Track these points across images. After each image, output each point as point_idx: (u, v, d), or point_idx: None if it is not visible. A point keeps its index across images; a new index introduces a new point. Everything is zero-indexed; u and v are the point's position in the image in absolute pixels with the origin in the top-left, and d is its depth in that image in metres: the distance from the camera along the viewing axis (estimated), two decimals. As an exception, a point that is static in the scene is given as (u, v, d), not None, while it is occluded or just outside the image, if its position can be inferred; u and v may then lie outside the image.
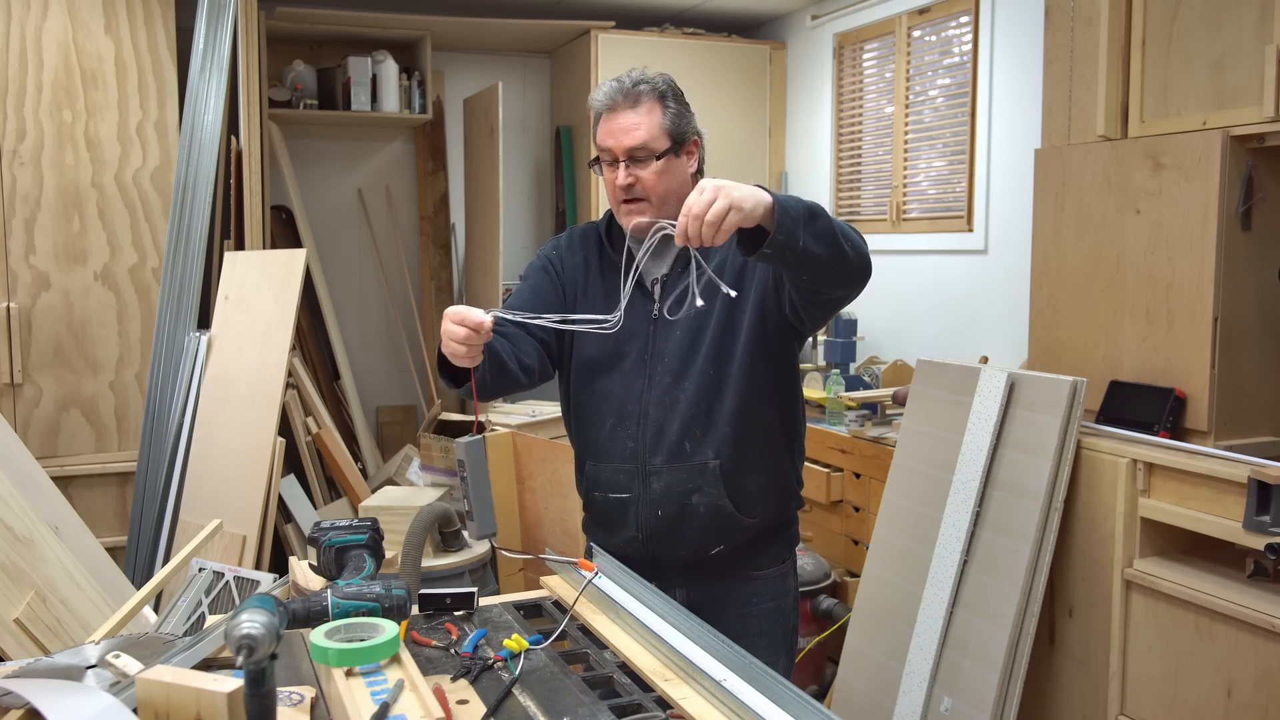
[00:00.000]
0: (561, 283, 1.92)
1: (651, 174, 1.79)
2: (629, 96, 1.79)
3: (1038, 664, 2.56)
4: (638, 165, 1.79)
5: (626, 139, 1.78)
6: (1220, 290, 2.46)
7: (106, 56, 3.73)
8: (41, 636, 2.13)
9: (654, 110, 1.80)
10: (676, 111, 1.82)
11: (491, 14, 4.61)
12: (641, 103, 1.79)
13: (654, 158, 1.79)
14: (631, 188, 1.80)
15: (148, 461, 3.60)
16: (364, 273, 4.96)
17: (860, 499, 3.38)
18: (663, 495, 1.83)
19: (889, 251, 4.35)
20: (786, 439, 1.90)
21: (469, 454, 1.60)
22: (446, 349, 1.60)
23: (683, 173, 1.85)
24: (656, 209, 1.81)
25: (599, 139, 1.83)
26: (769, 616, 1.92)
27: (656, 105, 1.80)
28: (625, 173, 1.79)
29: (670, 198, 1.83)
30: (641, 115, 1.79)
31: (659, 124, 1.80)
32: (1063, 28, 2.86)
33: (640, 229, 1.83)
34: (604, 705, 1.28)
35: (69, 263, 3.73)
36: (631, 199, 1.81)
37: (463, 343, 1.56)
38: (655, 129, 1.79)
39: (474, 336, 1.56)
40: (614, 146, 1.80)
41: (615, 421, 1.86)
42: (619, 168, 1.80)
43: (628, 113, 1.79)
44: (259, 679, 1.14)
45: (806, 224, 1.51)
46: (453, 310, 1.59)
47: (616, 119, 1.80)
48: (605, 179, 1.85)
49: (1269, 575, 2.21)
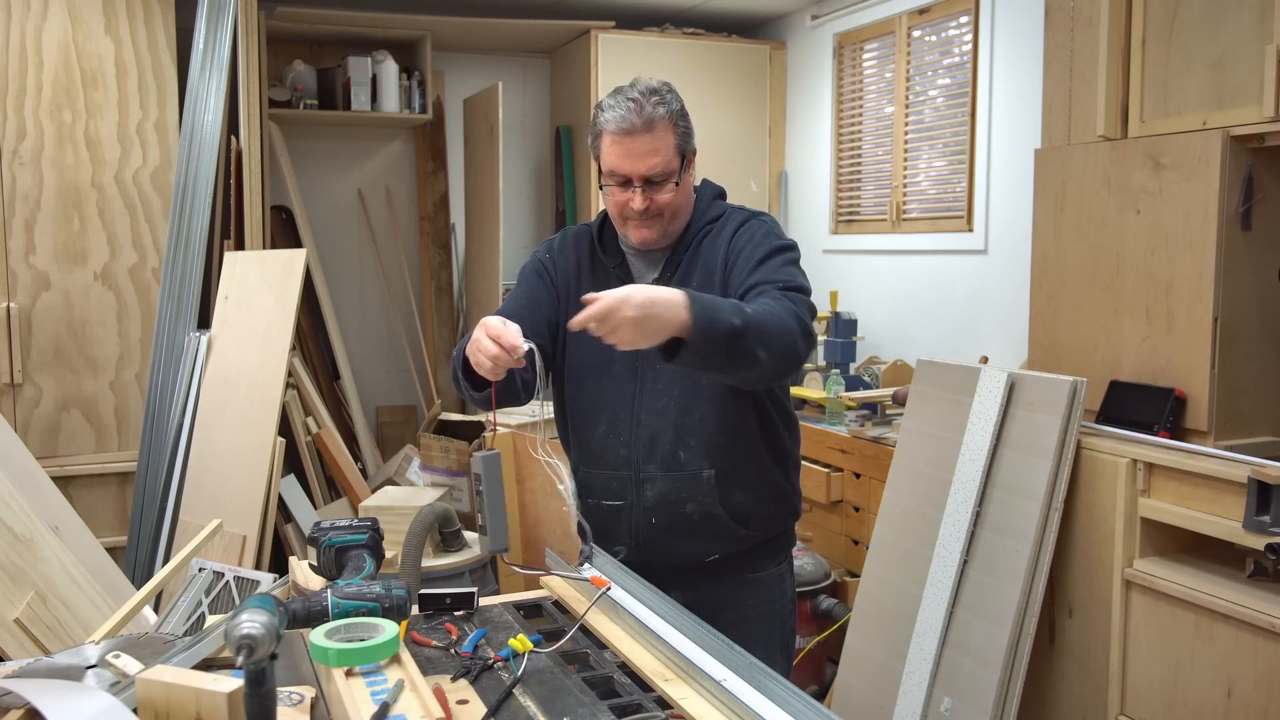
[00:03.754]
0: (555, 286, 1.91)
1: (667, 195, 1.79)
2: (644, 121, 1.74)
3: (1038, 664, 2.56)
4: (653, 188, 1.78)
5: (643, 165, 1.76)
6: (1220, 290, 2.46)
7: (106, 56, 3.73)
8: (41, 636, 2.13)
9: (667, 132, 1.77)
10: (684, 129, 1.81)
11: (491, 14, 4.61)
12: (656, 127, 1.75)
13: (671, 181, 1.78)
14: (648, 210, 1.78)
15: (148, 461, 3.60)
16: (364, 273, 4.96)
17: (860, 499, 3.38)
18: (656, 503, 1.82)
19: (889, 251, 4.35)
20: (779, 455, 1.89)
21: (485, 469, 1.58)
22: (474, 356, 1.58)
23: (689, 185, 1.85)
24: (667, 224, 1.82)
25: (610, 161, 1.78)
26: (765, 619, 1.91)
27: (669, 127, 1.77)
28: (642, 197, 1.77)
29: (680, 212, 1.84)
30: (657, 140, 1.75)
31: (672, 145, 1.77)
32: (1063, 28, 2.86)
33: (651, 243, 1.83)
34: (604, 705, 1.28)
35: (69, 263, 3.73)
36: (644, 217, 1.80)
37: (493, 360, 1.53)
38: (670, 151, 1.77)
39: (504, 358, 1.53)
40: (630, 172, 1.76)
41: (607, 428, 1.85)
42: (634, 191, 1.77)
43: (644, 138, 1.75)
44: (259, 679, 1.14)
45: (725, 348, 1.52)
46: (492, 325, 1.55)
47: (633, 143, 1.75)
48: (613, 199, 1.81)
49: (1269, 575, 2.21)
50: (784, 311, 1.62)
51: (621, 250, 1.90)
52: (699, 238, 1.85)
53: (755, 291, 1.70)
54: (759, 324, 1.55)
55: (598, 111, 1.80)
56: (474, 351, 1.57)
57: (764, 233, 1.81)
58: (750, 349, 1.54)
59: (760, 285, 1.70)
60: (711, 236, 1.84)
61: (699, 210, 1.88)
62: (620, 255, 1.90)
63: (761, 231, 1.82)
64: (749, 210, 1.89)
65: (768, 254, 1.76)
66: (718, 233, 1.84)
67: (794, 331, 1.61)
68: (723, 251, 1.81)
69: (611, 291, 1.45)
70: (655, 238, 1.82)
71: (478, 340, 1.55)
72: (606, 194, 1.83)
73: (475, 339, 1.56)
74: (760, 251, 1.77)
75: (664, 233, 1.83)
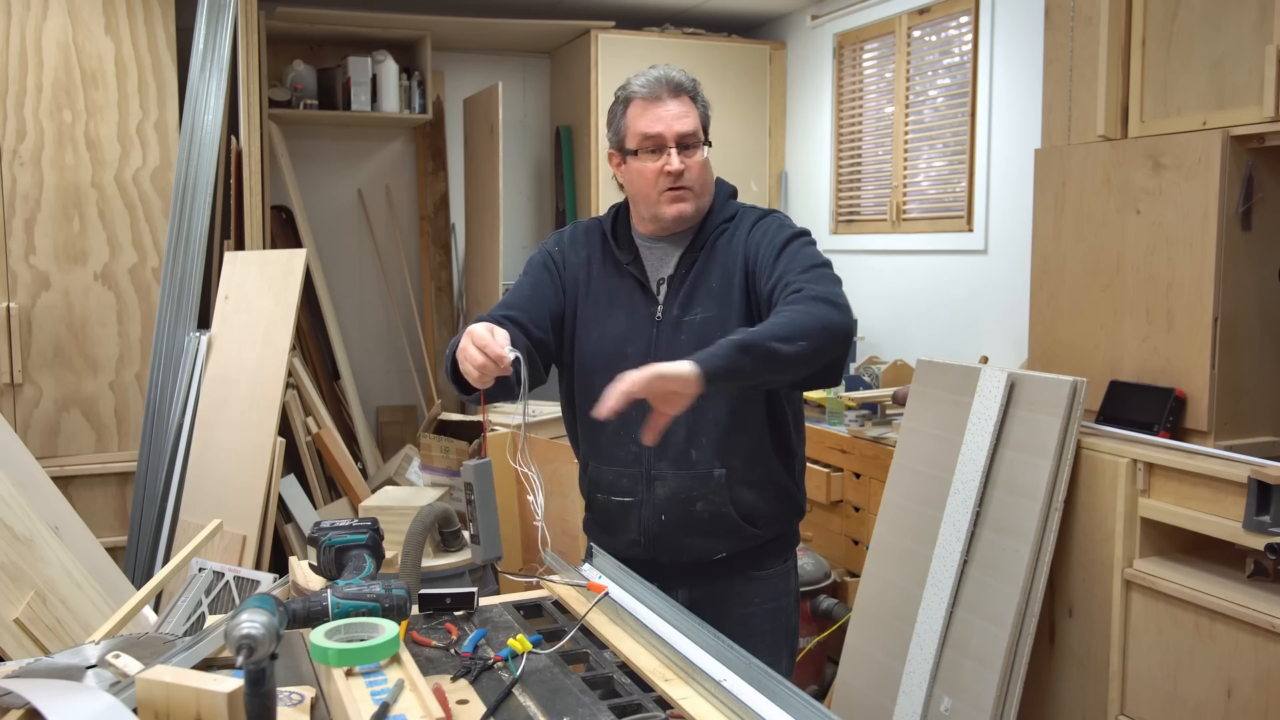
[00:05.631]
0: (562, 281, 1.90)
1: (698, 163, 1.81)
2: (672, 87, 1.80)
3: (1038, 664, 2.56)
4: (686, 153, 1.79)
5: (679, 124, 1.78)
6: (1220, 290, 2.46)
7: (106, 56, 3.73)
8: (41, 636, 2.14)
9: (692, 104, 1.82)
10: (704, 110, 1.85)
11: (491, 14, 4.61)
12: (684, 93, 1.81)
13: (702, 145, 1.81)
14: (681, 174, 1.79)
15: (148, 461, 3.61)
16: (364, 273, 4.96)
17: (860, 499, 3.38)
18: (666, 500, 1.83)
19: (889, 251, 4.35)
20: (786, 455, 1.88)
21: (477, 477, 1.58)
22: (461, 364, 1.58)
23: (710, 166, 1.86)
24: (698, 198, 1.83)
25: (643, 125, 1.79)
26: (770, 616, 1.91)
27: (694, 100, 1.83)
28: (679, 159, 1.78)
29: (707, 190, 1.85)
30: (685, 105, 1.81)
31: (697, 117, 1.82)
32: (1063, 28, 2.86)
33: (687, 218, 1.83)
34: (604, 705, 1.28)
35: (69, 263, 3.73)
36: (679, 186, 1.80)
37: (479, 369, 1.54)
38: (696, 120, 1.81)
39: (490, 368, 1.54)
40: (664, 131, 1.78)
41: (618, 424, 1.84)
42: (668, 155, 1.78)
43: (674, 102, 1.79)
44: (259, 679, 1.14)
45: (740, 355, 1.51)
46: (479, 333, 1.56)
47: (665, 106, 1.79)
48: (644, 169, 1.80)
49: (1269, 575, 2.21)
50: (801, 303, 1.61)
51: (635, 245, 1.89)
52: (714, 236, 1.85)
53: (780, 285, 1.70)
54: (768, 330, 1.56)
55: (624, 87, 1.84)
56: (462, 359, 1.57)
57: (776, 225, 1.83)
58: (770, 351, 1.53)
59: (784, 276, 1.71)
60: (727, 236, 1.84)
61: (715, 206, 1.88)
62: (634, 250, 1.88)
63: (774, 225, 1.83)
64: (760, 209, 1.90)
65: (785, 243, 1.78)
66: (733, 232, 1.84)
67: (816, 312, 1.60)
68: (740, 251, 1.81)
69: (625, 377, 1.47)
70: (691, 211, 1.82)
71: (464, 349, 1.56)
72: (634, 171, 1.82)
73: (462, 347, 1.57)
74: (778, 242, 1.78)
75: (697, 209, 1.83)
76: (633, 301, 1.85)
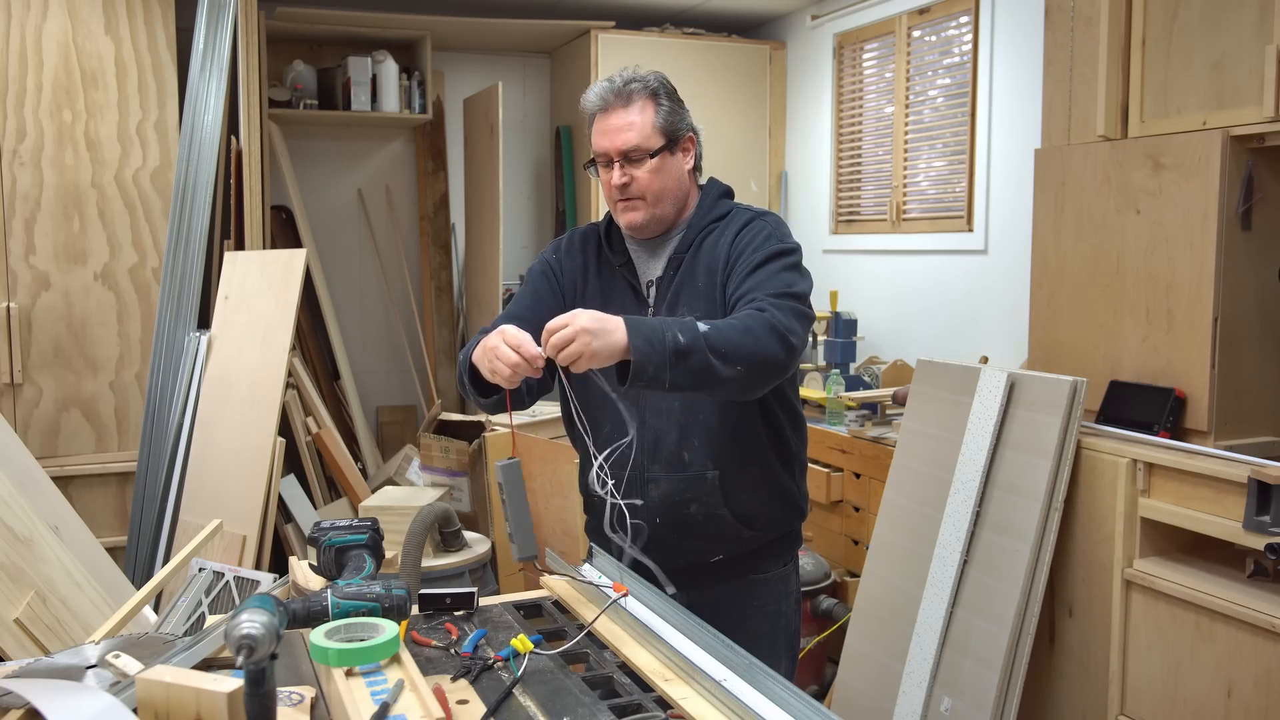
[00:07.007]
0: (561, 287, 1.91)
1: (646, 173, 1.79)
2: (621, 96, 1.79)
3: (1038, 664, 2.56)
4: (632, 165, 1.79)
5: (619, 139, 1.78)
6: (1220, 290, 2.46)
7: (106, 56, 3.73)
8: (41, 636, 2.14)
9: (646, 108, 1.80)
10: (670, 109, 1.82)
11: (491, 14, 4.61)
12: (634, 101, 1.79)
13: (648, 156, 1.79)
14: (627, 187, 1.79)
15: (148, 461, 3.60)
16: (364, 273, 4.96)
17: (860, 499, 3.38)
18: (660, 503, 1.82)
19: (889, 251, 4.35)
20: (785, 457, 1.88)
21: (506, 477, 1.59)
22: (487, 364, 1.58)
23: (679, 170, 1.84)
24: (652, 206, 1.81)
25: (593, 140, 1.83)
26: (770, 619, 1.91)
27: (649, 103, 1.80)
28: (620, 172, 1.79)
29: (665, 195, 1.83)
30: (634, 114, 1.79)
31: (652, 122, 1.79)
32: (1063, 28, 2.86)
33: (638, 227, 1.83)
34: (604, 705, 1.28)
35: (69, 263, 3.73)
36: (627, 198, 1.81)
37: (513, 369, 1.54)
38: (648, 128, 1.79)
39: (524, 367, 1.54)
40: (608, 147, 1.79)
41: (612, 427, 1.85)
42: (614, 168, 1.80)
43: (620, 112, 1.79)
44: (259, 679, 1.14)
45: (673, 365, 1.52)
46: (512, 334, 1.56)
47: (610, 119, 1.80)
48: (603, 179, 1.84)
49: (1269, 575, 2.21)
50: (757, 323, 1.61)
51: (627, 248, 1.90)
52: (702, 236, 1.84)
53: (745, 301, 1.69)
54: (717, 340, 1.55)
55: (583, 98, 1.85)
56: (491, 359, 1.57)
57: (765, 235, 1.80)
58: (705, 365, 1.54)
59: (751, 294, 1.70)
60: (715, 235, 1.83)
61: (703, 207, 1.88)
62: (626, 253, 1.90)
63: (763, 234, 1.80)
64: (754, 210, 1.88)
65: (764, 259, 1.75)
66: (721, 232, 1.83)
67: (765, 341, 1.60)
68: (724, 252, 1.80)
69: (561, 316, 1.51)
70: (642, 221, 1.82)
71: (496, 349, 1.56)
72: (600, 180, 1.86)
73: (493, 347, 1.56)
74: (757, 257, 1.76)
75: (652, 217, 1.82)
76: (625, 304, 1.85)
